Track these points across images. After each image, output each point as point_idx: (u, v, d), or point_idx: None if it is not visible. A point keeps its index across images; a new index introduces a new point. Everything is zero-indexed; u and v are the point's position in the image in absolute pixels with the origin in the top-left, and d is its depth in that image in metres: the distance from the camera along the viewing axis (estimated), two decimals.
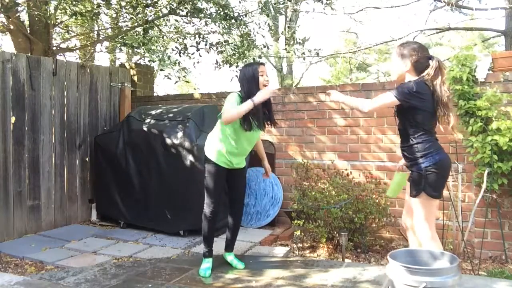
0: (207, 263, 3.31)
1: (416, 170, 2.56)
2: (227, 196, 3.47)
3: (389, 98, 2.56)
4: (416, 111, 2.54)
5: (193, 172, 4.39)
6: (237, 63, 6.08)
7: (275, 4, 5.99)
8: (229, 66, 6.16)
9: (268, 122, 3.27)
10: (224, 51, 6.10)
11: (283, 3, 6.31)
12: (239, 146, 3.18)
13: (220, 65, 6.28)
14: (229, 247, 3.49)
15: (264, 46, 6.58)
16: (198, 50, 6.10)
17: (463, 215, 3.93)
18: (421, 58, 2.59)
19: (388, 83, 4.78)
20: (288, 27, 9.84)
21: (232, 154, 3.19)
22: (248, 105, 2.94)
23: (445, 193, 4.03)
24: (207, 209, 3.27)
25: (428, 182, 2.51)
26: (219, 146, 3.18)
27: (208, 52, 6.16)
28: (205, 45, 6.08)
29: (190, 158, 4.40)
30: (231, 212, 3.43)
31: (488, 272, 3.48)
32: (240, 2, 6.20)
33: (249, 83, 3.09)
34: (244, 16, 5.84)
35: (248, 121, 3.04)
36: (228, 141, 3.16)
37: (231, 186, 3.39)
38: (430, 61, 2.58)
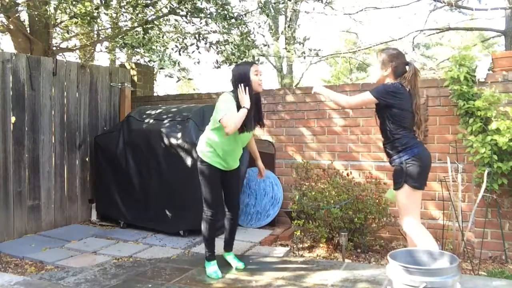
0: (213, 266, 3.25)
1: (397, 163, 2.76)
2: (223, 197, 3.43)
3: (367, 96, 2.81)
4: (392, 109, 2.75)
5: (193, 172, 4.37)
6: (237, 62, 6.08)
7: (275, 3, 6.00)
8: (229, 65, 6.16)
9: (259, 123, 3.26)
10: (224, 50, 6.11)
11: (282, 3, 6.31)
12: (232, 147, 3.16)
13: (220, 64, 6.28)
14: (228, 247, 3.47)
15: (265, 45, 6.59)
16: (198, 48, 6.10)
17: (463, 215, 3.92)
18: (399, 64, 2.82)
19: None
20: (288, 26, 9.85)
21: (226, 155, 3.16)
22: (244, 111, 2.95)
23: (445, 193, 4.05)
24: (206, 212, 3.24)
25: (408, 173, 2.70)
26: (213, 148, 3.15)
27: (208, 51, 6.17)
28: (205, 43, 6.09)
29: (190, 158, 4.40)
30: (227, 213, 3.40)
31: (488, 272, 3.48)
32: (240, 1, 6.20)
33: (241, 82, 3.06)
34: (244, 16, 5.84)
35: (242, 124, 3.01)
36: (222, 142, 3.12)
37: (225, 187, 3.34)
38: (407, 67, 2.83)
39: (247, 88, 3.03)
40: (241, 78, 3.08)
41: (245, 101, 2.98)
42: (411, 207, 2.76)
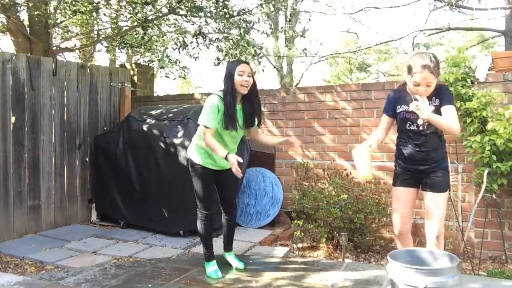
0: (213, 266, 3.25)
1: (444, 167, 2.75)
2: (219, 198, 3.39)
3: (454, 110, 2.65)
4: None
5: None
6: (237, 58, 6.08)
7: (275, 3, 6.00)
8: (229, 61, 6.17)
9: (252, 123, 3.19)
10: (224, 47, 6.10)
11: (282, 2, 6.32)
12: (223, 146, 3.08)
13: (220, 61, 6.28)
14: (227, 247, 3.46)
15: (261, 45, 6.60)
16: (198, 45, 6.10)
17: (463, 215, 3.93)
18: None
19: (388, 83, 4.79)
20: (289, 20, 9.85)
21: (216, 157, 3.11)
22: (221, 153, 2.88)
23: None
24: (200, 213, 3.23)
25: (449, 179, 2.78)
26: (204, 150, 3.11)
27: (208, 48, 6.17)
28: (205, 40, 6.09)
29: None
30: (224, 214, 3.37)
31: (488, 272, 3.48)
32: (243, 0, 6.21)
33: (227, 81, 3.02)
34: (243, 14, 5.84)
35: (232, 123, 2.98)
36: (216, 140, 3.05)
37: (220, 187, 3.31)
38: None
39: (229, 86, 2.98)
40: (226, 77, 3.04)
41: (221, 153, 2.89)
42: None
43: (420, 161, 2.74)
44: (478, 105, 3.72)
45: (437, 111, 2.61)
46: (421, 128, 2.68)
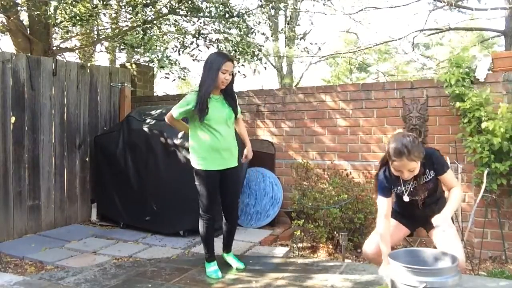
0: (213, 266, 3.23)
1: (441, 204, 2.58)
2: (220, 200, 3.35)
3: (454, 177, 2.57)
4: None
5: (192, 172, 4.38)
6: (238, 59, 6.07)
7: (275, 2, 6.00)
8: None
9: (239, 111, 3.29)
10: (225, 48, 6.10)
11: (282, 1, 6.33)
12: (220, 137, 3.08)
13: None
14: (227, 247, 3.44)
15: (266, 40, 6.59)
16: (197, 46, 6.10)
17: (463, 215, 3.93)
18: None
19: (388, 83, 4.79)
20: (288, 23, 9.86)
21: (217, 149, 3.09)
22: (181, 129, 3.38)
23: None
24: (203, 215, 3.21)
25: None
26: (202, 147, 3.10)
27: (208, 48, 6.17)
28: (205, 41, 6.09)
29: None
30: (225, 215, 3.34)
31: (488, 272, 3.48)
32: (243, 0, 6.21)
33: (208, 72, 3.04)
34: (244, 14, 5.84)
35: (201, 112, 3.01)
36: (208, 135, 3.07)
37: (223, 187, 3.27)
38: None
39: (209, 78, 3.03)
40: (208, 68, 3.06)
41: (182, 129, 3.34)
42: None
43: (421, 214, 2.61)
44: (471, 105, 3.74)
45: (436, 180, 2.52)
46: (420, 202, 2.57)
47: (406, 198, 2.56)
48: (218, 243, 3.44)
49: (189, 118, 3.17)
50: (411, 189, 2.53)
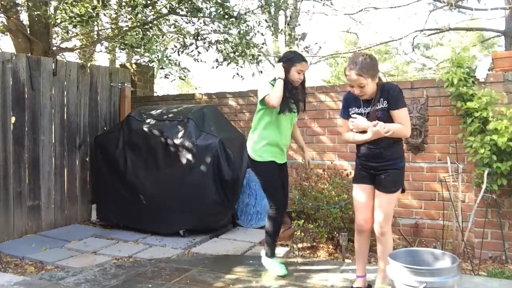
0: (277, 263, 3.22)
1: (398, 167, 2.72)
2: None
3: (406, 112, 2.67)
4: None
5: (193, 172, 4.39)
6: (237, 61, 6.07)
7: (275, 1, 6.00)
8: (227, 64, 6.15)
9: (302, 105, 3.32)
10: (224, 49, 6.10)
11: (283, 1, 6.32)
12: (282, 134, 3.17)
13: (219, 63, 6.27)
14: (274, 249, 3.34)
15: (263, 43, 6.59)
16: (197, 47, 6.10)
17: (463, 215, 3.92)
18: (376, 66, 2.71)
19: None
20: (288, 24, 9.86)
21: (277, 144, 3.17)
22: (279, 82, 3.04)
23: (445, 193, 4.05)
24: (273, 209, 3.19)
25: (403, 178, 2.77)
26: (265, 140, 3.14)
27: (207, 50, 6.16)
28: (204, 43, 6.09)
29: (190, 158, 4.40)
30: (276, 210, 3.25)
31: (488, 272, 3.48)
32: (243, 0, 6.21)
33: (285, 63, 3.12)
34: (244, 15, 5.84)
35: (285, 102, 3.07)
36: (268, 133, 3.14)
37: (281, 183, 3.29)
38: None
39: (282, 75, 3.07)
40: (285, 61, 3.14)
41: (279, 72, 3.07)
42: (393, 211, 2.80)
43: (373, 158, 2.75)
44: (479, 105, 3.72)
45: (387, 112, 2.63)
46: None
47: (359, 118, 2.68)
48: (218, 242, 3.43)
49: (263, 111, 3.17)
50: (365, 113, 2.70)
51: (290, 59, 3.14)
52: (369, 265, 3.56)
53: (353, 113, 2.76)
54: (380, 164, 2.72)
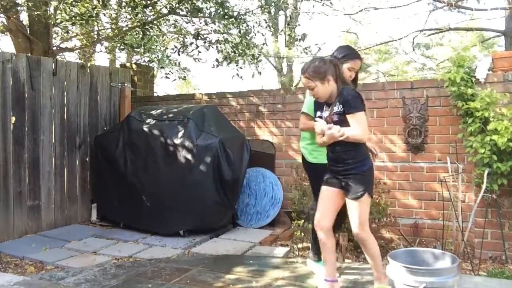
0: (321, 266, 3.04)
1: (360, 172, 2.65)
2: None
3: (363, 116, 2.63)
4: None
5: (193, 172, 4.39)
6: (237, 60, 6.07)
7: (275, 1, 5.99)
8: (227, 64, 6.15)
9: None
10: (224, 49, 6.10)
11: (283, 1, 6.32)
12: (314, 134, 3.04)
13: (220, 63, 6.27)
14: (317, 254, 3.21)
15: (263, 44, 6.59)
16: (197, 47, 6.10)
17: (463, 215, 3.92)
18: (332, 67, 2.70)
19: (388, 83, 4.79)
20: (288, 24, 9.86)
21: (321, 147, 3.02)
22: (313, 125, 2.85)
23: (445, 193, 4.05)
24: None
25: (369, 182, 2.69)
26: (314, 143, 3.04)
27: (207, 50, 6.16)
28: (204, 43, 6.08)
29: (190, 158, 4.40)
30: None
31: (488, 272, 3.48)
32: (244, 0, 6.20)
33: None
34: (244, 15, 5.84)
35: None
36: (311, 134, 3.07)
37: None
38: (336, 67, 2.73)
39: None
40: (338, 57, 2.97)
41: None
42: (367, 215, 2.72)
43: (335, 162, 2.73)
44: (481, 105, 3.72)
45: (342, 116, 2.61)
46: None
47: (320, 121, 2.70)
48: (218, 242, 3.43)
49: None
50: (325, 116, 2.72)
51: (343, 56, 2.99)
52: (369, 265, 3.57)
53: (316, 117, 2.78)
54: (341, 169, 2.69)
